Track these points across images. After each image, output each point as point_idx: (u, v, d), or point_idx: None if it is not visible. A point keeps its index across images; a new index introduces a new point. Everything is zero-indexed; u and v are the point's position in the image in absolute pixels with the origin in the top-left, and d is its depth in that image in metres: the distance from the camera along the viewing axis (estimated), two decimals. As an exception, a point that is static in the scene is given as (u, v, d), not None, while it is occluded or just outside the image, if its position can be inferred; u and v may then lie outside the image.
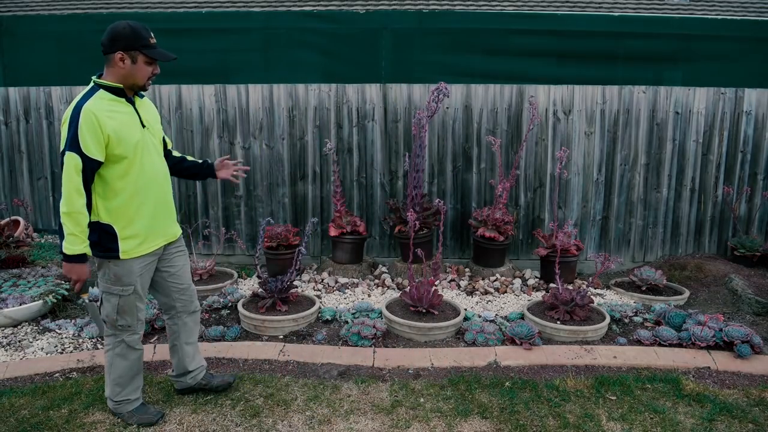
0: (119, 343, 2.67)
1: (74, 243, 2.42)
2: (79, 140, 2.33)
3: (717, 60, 5.40)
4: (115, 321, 2.62)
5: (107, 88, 2.46)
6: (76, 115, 2.35)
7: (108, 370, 2.73)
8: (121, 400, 2.76)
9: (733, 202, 5.48)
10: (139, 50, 2.43)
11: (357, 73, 5.41)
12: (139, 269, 2.62)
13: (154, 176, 2.61)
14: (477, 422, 2.79)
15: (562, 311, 3.92)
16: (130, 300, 2.61)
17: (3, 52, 5.73)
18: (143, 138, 2.55)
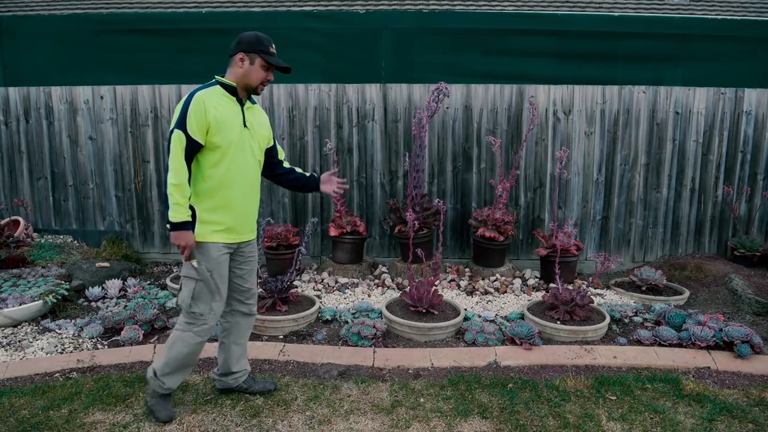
0: (188, 330, 2.72)
1: (180, 212, 2.57)
2: (186, 121, 2.54)
3: (717, 60, 5.40)
4: (189, 307, 2.69)
5: (223, 84, 2.68)
6: (189, 100, 2.57)
7: (168, 346, 2.76)
8: (164, 382, 2.76)
9: (733, 202, 5.48)
10: (257, 53, 2.64)
11: (357, 73, 5.41)
12: (216, 257, 2.69)
13: (243, 174, 2.72)
14: (477, 422, 2.79)
15: (562, 311, 3.92)
16: (207, 286, 2.68)
17: (3, 52, 5.73)
18: (241, 136, 2.69)
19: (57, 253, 5.26)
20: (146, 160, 5.58)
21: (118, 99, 5.52)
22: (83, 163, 5.65)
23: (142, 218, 5.67)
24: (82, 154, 5.64)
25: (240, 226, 2.77)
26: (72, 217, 5.76)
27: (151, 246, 5.72)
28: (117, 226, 5.71)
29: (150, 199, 5.64)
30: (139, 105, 5.52)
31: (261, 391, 3.05)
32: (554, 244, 4.79)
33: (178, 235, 2.59)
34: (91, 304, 4.49)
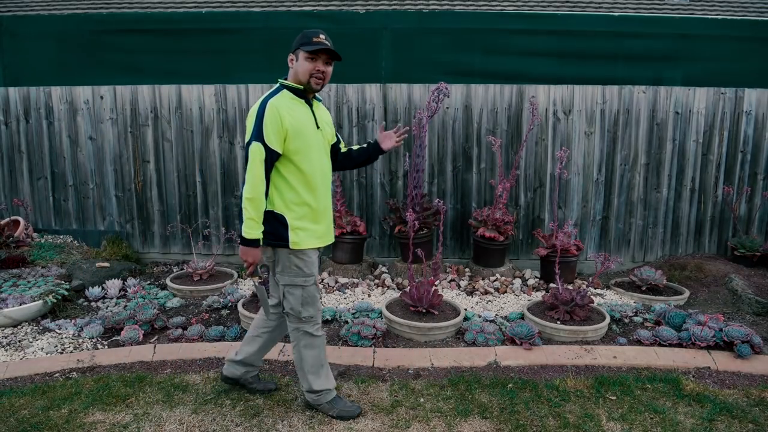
0: (303, 335, 2.74)
1: (253, 228, 2.55)
2: (263, 132, 2.51)
3: (717, 60, 5.40)
4: (299, 313, 2.70)
5: (289, 87, 2.67)
6: (262, 109, 2.54)
7: (300, 365, 2.79)
8: (321, 390, 2.80)
9: (733, 202, 5.48)
10: (299, 48, 2.62)
11: (357, 73, 5.41)
12: (314, 260, 2.72)
13: (323, 177, 2.74)
14: (477, 422, 2.79)
15: (562, 311, 3.92)
16: (312, 290, 2.71)
17: (3, 52, 5.73)
18: (316, 138, 2.70)
19: (57, 253, 5.26)
20: (146, 160, 5.58)
21: (118, 99, 5.52)
22: (83, 163, 5.65)
23: (142, 218, 5.67)
24: (82, 154, 5.64)
25: (327, 228, 2.79)
26: (72, 217, 5.76)
27: (151, 246, 5.72)
28: (117, 226, 5.71)
29: (150, 199, 5.64)
30: (139, 105, 5.52)
31: (262, 390, 3.05)
32: (554, 244, 4.79)
33: (247, 251, 2.58)
34: (91, 304, 4.49)
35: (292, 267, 2.67)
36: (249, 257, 2.59)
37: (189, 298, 4.62)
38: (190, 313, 4.25)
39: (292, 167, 2.61)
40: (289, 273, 2.68)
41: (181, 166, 5.56)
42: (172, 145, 5.54)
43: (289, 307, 2.71)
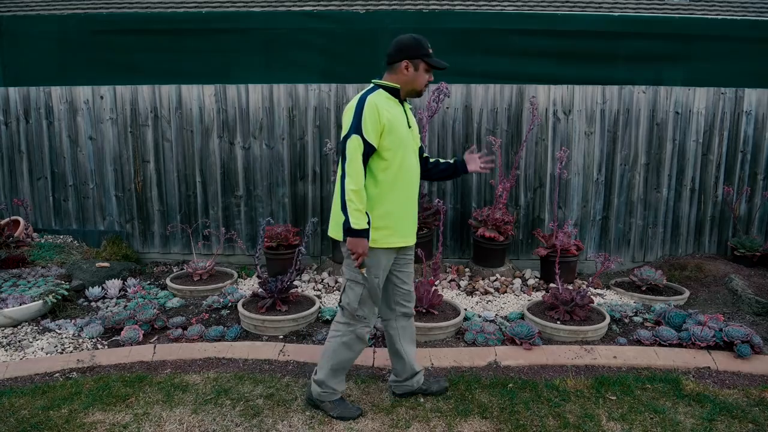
0: (350, 333, 2.75)
1: (360, 218, 2.57)
2: (361, 125, 2.55)
3: (717, 60, 5.41)
4: (354, 310, 2.72)
5: (386, 88, 2.72)
6: (361, 104, 2.59)
7: (328, 355, 2.79)
8: (329, 388, 2.82)
9: (733, 202, 5.48)
10: (421, 59, 2.69)
11: (357, 73, 5.40)
12: (385, 263, 2.73)
13: (411, 175, 2.76)
14: (477, 422, 2.79)
15: (562, 311, 3.92)
16: (373, 291, 2.72)
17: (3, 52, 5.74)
18: (408, 137, 2.73)
19: (57, 253, 5.26)
20: (146, 160, 5.58)
21: (118, 99, 5.53)
22: (83, 163, 5.66)
23: (142, 218, 5.67)
24: (82, 154, 5.64)
25: (409, 228, 2.79)
26: (72, 217, 5.76)
27: (151, 246, 5.72)
28: (117, 226, 5.71)
29: (150, 199, 5.64)
30: (139, 105, 5.52)
31: (439, 390, 3.04)
32: (554, 244, 4.79)
33: (356, 242, 2.57)
34: (91, 304, 4.49)
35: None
36: (359, 248, 2.58)
37: (189, 298, 4.62)
38: (190, 313, 4.25)
39: (383, 164, 2.64)
40: (354, 268, 2.68)
41: (181, 166, 5.56)
42: (172, 145, 5.54)
43: (346, 301, 2.73)
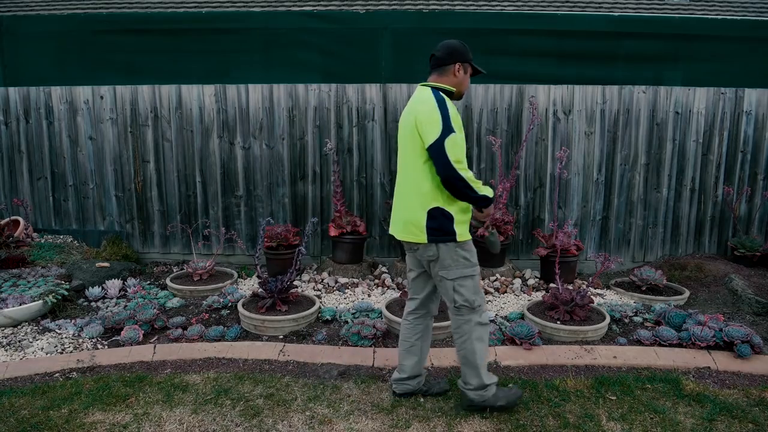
0: (477, 326, 2.77)
1: (488, 190, 2.71)
2: (451, 123, 2.60)
3: (717, 60, 5.40)
4: (473, 303, 2.75)
5: (443, 90, 2.74)
6: (443, 104, 2.63)
7: (473, 360, 2.78)
8: (490, 383, 2.83)
9: (733, 202, 5.48)
10: (469, 63, 2.79)
11: (357, 73, 5.41)
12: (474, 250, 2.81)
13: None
14: (477, 422, 2.79)
15: (562, 311, 3.92)
16: (478, 279, 2.80)
17: (3, 52, 5.73)
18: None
19: (57, 253, 5.26)
20: (146, 160, 5.58)
21: (118, 99, 5.52)
22: (83, 163, 5.66)
23: (142, 218, 5.67)
24: (82, 154, 5.64)
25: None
26: (72, 217, 5.76)
27: (151, 246, 5.72)
28: (117, 226, 5.71)
29: (150, 199, 5.64)
30: (139, 105, 5.52)
31: (439, 392, 3.06)
32: (554, 244, 4.79)
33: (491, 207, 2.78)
34: (91, 304, 4.49)
35: (459, 260, 2.71)
36: (491, 210, 2.80)
37: (189, 298, 4.62)
38: (190, 313, 4.25)
39: None
40: (458, 266, 2.71)
41: (181, 166, 5.56)
42: (172, 145, 5.54)
43: (462, 300, 2.73)
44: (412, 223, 2.70)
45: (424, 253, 2.73)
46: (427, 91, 2.72)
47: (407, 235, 2.75)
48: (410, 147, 2.71)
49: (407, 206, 2.73)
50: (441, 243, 2.68)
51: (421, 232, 2.68)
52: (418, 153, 2.67)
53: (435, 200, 2.67)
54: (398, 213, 2.81)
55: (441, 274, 2.73)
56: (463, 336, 2.78)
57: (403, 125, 2.79)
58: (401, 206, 2.78)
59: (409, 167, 2.73)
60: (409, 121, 2.70)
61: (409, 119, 2.72)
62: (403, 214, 2.76)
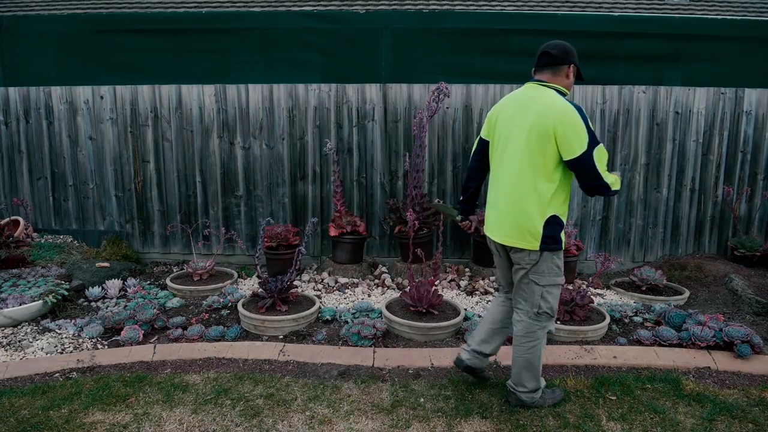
0: (545, 334, 2.80)
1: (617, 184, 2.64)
2: (595, 132, 2.56)
3: (717, 60, 5.40)
4: (554, 311, 2.76)
5: (561, 93, 2.68)
6: (581, 111, 2.55)
7: (533, 365, 2.81)
8: (543, 386, 2.89)
9: (733, 202, 5.48)
10: (578, 66, 2.76)
11: (357, 73, 5.41)
12: None
13: None
14: (477, 422, 2.79)
15: (562, 311, 3.92)
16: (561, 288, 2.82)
17: (3, 52, 5.73)
18: None
19: (57, 253, 5.26)
20: (146, 160, 5.58)
21: (118, 99, 5.52)
22: (83, 163, 5.66)
23: (142, 218, 5.67)
24: (82, 154, 5.64)
25: None
26: (72, 217, 5.76)
27: (151, 246, 5.72)
28: (117, 226, 5.71)
29: (150, 199, 5.64)
30: (139, 105, 5.52)
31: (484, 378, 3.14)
32: (554, 244, 4.78)
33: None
34: (91, 304, 4.49)
35: (554, 268, 2.70)
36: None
37: (189, 298, 4.62)
38: (190, 313, 4.25)
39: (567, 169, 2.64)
40: (551, 274, 2.69)
41: (181, 166, 5.56)
42: (172, 145, 5.54)
43: (547, 307, 2.72)
44: (528, 230, 2.61)
45: (525, 257, 2.68)
46: (550, 92, 2.63)
47: (519, 240, 2.65)
48: (529, 150, 2.58)
49: (522, 211, 2.62)
50: (546, 251, 2.64)
51: (535, 239, 2.61)
52: (546, 158, 2.55)
53: (553, 208, 2.62)
54: (506, 217, 2.69)
55: (533, 279, 2.69)
56: (533, 341, 2.76)
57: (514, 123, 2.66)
58: (512, 210, 2.66)
59: (526, 170, 2.59)
60: (540, 130, 2.55)
61: (529, 119, 2.58)
62: (517, 220, 2.64)
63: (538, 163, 2.57)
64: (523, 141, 2.61)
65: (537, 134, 2.56)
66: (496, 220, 2.77)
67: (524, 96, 2.70)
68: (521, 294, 2.77)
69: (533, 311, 2.73)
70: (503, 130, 2.73)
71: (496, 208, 2.77)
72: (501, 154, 2.74)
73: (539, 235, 2.60)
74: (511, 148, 2.67)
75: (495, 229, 2.78)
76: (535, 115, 2.57)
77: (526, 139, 2.59)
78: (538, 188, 2.58)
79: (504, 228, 2.72)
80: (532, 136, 2.57)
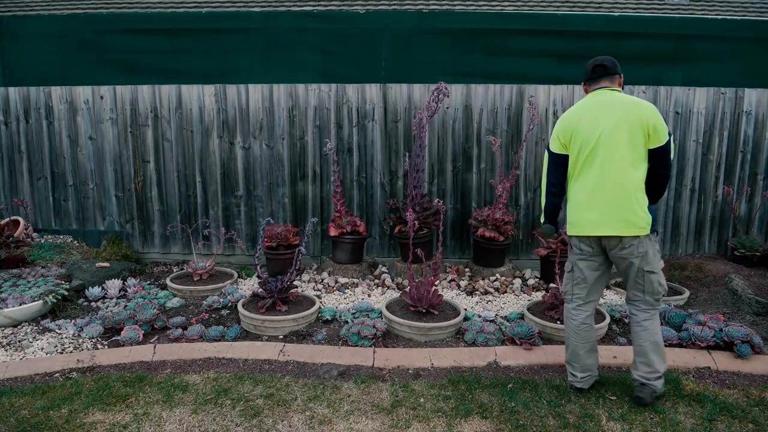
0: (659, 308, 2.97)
1: None
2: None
3: (717, 60, 5.40)
4: (666, 289, 2.95)
5: None
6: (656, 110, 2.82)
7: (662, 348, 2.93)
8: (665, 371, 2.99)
9: (733, 202, 5.48)
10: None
11: (357, 73, 5.41)
12: None
13: None
14: (477, 422, 2.79)
15: (562, 311, 3.91)
16: None
17: (3, 52, 5.73)
18: None
19: (57, 253, 5.26)
20: (146, 160, 5.58)
21: (118, 99, 5.52)
22: (83, 163, 5.66)
23: (142, 218, 5.67)
24: (82, 154, 5.64)
25: None
26: (72, 217, 5.76)
27: (151, 246, 5.72)
28: (117, 226, 5.71)
29: (150, 199, 5.64)
30: (139, 105, 5.52)
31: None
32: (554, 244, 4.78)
33: None
34: (91, 304, 4.49)
35: (657, 252, 2.91)
36: None
37: (189, 298, 4.62)
38: (190, 313, 4.25)
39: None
40: (656, 258, 2.89)
41: (181, 166, 5.56)
42: (172, 145, 5.54)
43: (663, 290, 2.92)
44: (639, 216, 2.79)
45: (635, 248, 2.82)
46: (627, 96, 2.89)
47: (633, 229, 2.80)
48: (631, 146, 2.77)
49: (631, 201, 2.79)
50: (652, 233, 2.85)
51: (646, 224, 2.80)
52: (640, 153, 2.78)
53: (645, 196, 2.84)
54: (615, 210, 2.82)
55: (646, 269, 2.87)
56: (656, 324, 2.92)
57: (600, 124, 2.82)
58: (621, 203, 2.80)
59: (626, 163, 2.78)
60: (632, 122, 2.76)
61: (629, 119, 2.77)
62: (628, 210, 2.80)
63: (635, 154, 2.78)
64: (621, 136, 2.78)
65: (631, 127, 2.77)
66: (601, 217, 2.87)
67: (601, 100, 2.89)
68: (638, 287, 2.92)
69: (654, 299, 2.91)
70: (589, 135, 2.86)
71: (595, 207, 2.87)
72: (592, 157, 2.86)
73: (647, 219, 2.80)
74: (605, 147, 2.82)
75: (602, 226, 2.88)
76: (625, 112, 2.79)
77: (627, 138, 2.78)
78: (637, 177, 2.79)
79: (616, 221, 2.83)
80: (625, 129, 2.78)
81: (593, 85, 2.99)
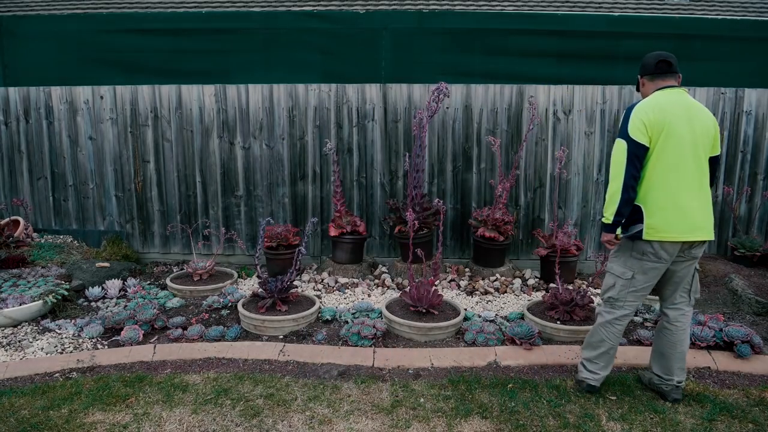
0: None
1: None
2: None
3: (717, 60, 5.40)
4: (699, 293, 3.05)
5: None
6: None
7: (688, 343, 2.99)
8: None
9: (733, 202, 5.48)
10: None
11: (357, 73, 5.41)
12: None
13: None
14: (477, 422, 2.79)
15: (562, 311, 3.92)
16: None
17: (3, 52, 5.73)
18: None
19: (57, 253, 5.26)
20: (146, 160, 5.58)
21: (118, 99, 5.52)
22: (83, 163, 5.65)
23: (142, 218, 5.67)
24: (82, 154, 5.64)
25: None
26: (72, 217, 5.76)
27: (151, 246, 5.72)
28: (117, 226, 5.71)
29: (150, 199, 5.64)
30: (139, 105, 5.52)
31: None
32: (554, 244, 4.79)
33: None
34: (91, 304, 4.49)
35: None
36: None
37: (189, 298, 4.62)
38: (190, 313, 4.25)
39: None
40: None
41: (181, 166, 5.56)
42: (172, 145, 5.54)
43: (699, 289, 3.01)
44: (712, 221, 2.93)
45: (700, 251, 2.92)
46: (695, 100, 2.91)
47: (711, 233, 2.91)
48: (705, 153, 2.87)
49: (709, 206, 2.93)
50: None
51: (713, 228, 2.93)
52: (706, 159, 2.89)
53: None
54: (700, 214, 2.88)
55: (697, 267, 2.98)
56: (688, 327, 2.97)
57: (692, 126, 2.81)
58: (705, 207, 2.91)
59: (702, 172, 2.88)
60: (710, 129, 2.85)
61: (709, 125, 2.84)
62: (709, 215, 2.92)
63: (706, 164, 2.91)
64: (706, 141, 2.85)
65: (708, 135, 2.85)
66: (685, 220, 2.82)
67: (685, 101, 2.88)
68: (684, 288, 2.96)
69: (694, 297, 2.99)
70: (682, 134, 2.78)
71: (680, 210, 2.81)
72: (680, 157, 2.80)
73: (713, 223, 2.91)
74: (700, 148, 2.84)
75: (699, 230, 2.86)
76: (704, 116, 2.86)
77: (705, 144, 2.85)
78: (708, 187, 2.94)
79: (701, 226, 2.87)
80: (706, 136, 2.85)
81: (659, 81, 3.00)
